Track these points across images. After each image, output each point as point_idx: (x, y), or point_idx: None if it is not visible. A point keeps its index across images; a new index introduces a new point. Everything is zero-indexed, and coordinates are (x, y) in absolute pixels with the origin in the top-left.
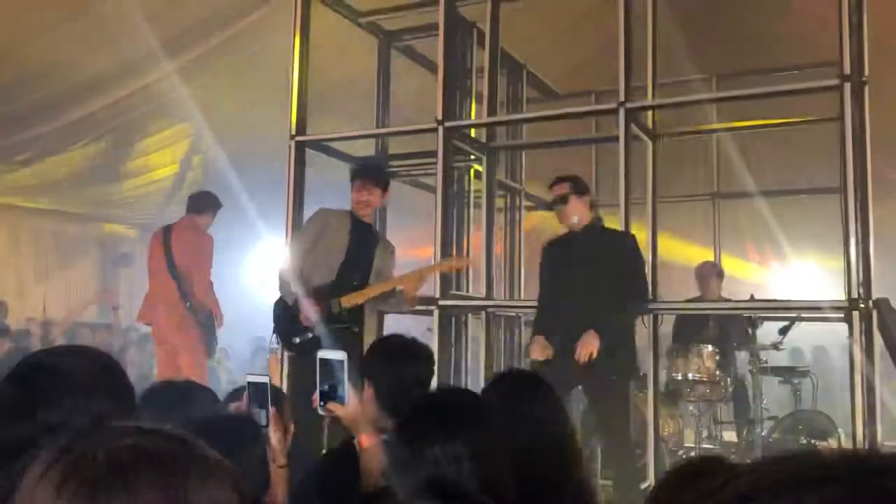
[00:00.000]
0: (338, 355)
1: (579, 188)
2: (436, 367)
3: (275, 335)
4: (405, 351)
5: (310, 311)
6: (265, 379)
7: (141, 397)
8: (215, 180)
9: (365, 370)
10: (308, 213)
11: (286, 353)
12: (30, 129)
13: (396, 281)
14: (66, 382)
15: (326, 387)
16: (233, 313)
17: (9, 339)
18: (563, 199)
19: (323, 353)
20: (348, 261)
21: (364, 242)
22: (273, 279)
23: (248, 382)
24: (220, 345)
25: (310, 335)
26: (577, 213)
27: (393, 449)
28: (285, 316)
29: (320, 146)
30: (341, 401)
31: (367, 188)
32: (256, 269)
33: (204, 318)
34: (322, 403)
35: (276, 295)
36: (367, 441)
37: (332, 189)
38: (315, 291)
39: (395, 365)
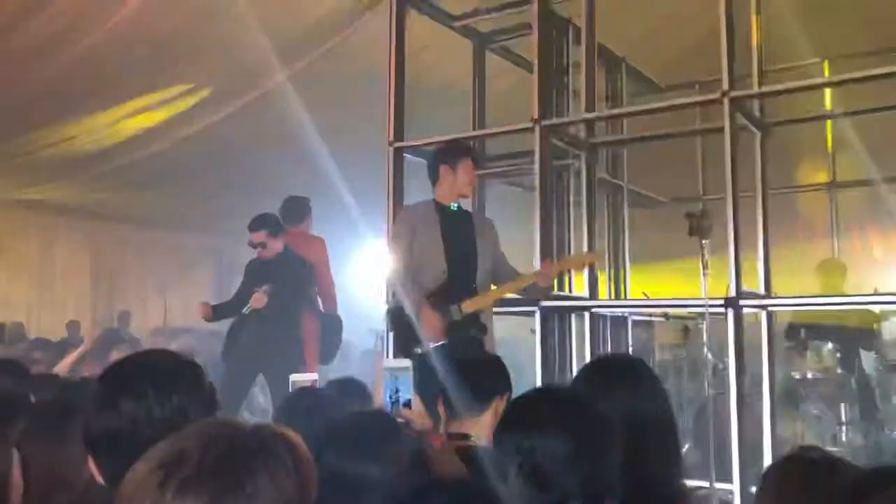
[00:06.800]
0: (403, 363)
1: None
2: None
3: (379, 339)
4: None
5: (431, 322)
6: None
7: (283, 403)
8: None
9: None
10: None
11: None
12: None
13: (529, 278)
14: (147, 376)
15: (397, 395)
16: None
17: (128, 348)
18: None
19: (388, 363)
20: (451, 256)
21: (460, 230)
22: (373, 282)
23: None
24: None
25: (431, 344)
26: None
27: (492, 441)
28: (401, 325)
29: (418, 151)
30: (408, 406)
31: (474, 170)
32: (359, 271)
33: (330, 322)
34: (391, 410)
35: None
36: (438, 442)
37: (428, 192)
38: (432, 299)
39: None
